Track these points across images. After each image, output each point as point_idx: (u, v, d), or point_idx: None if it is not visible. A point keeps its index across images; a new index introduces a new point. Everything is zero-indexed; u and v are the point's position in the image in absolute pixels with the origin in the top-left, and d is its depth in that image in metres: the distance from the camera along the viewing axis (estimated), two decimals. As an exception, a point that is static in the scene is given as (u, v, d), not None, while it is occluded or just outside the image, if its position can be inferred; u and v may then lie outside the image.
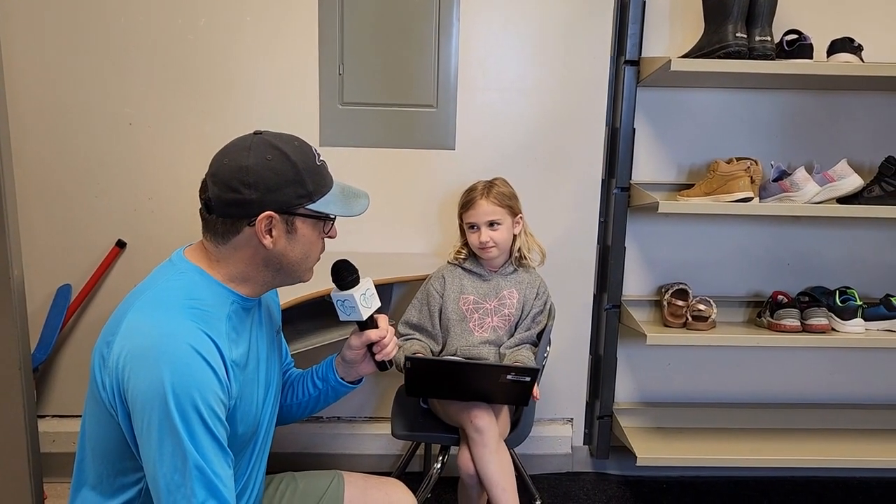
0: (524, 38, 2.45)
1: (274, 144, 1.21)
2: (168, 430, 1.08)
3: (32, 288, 2.41)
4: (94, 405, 1.19)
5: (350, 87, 2.45)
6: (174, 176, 2.46)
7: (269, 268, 1.26)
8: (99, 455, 1.21)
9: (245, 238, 1.22)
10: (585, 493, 2.60)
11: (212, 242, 1.24)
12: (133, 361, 1.10)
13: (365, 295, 1.41)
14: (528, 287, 2.19)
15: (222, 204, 1.19)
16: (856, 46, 2.23)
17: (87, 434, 1.23)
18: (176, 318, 1.13)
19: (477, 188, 2.16)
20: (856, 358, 2.72)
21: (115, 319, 1.18)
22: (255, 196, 1.18)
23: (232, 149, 1.22)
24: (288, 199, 1.21)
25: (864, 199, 2.32)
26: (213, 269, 1.25)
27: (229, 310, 1.23)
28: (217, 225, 1.22)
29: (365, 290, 1.41)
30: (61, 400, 2.59)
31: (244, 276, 1.26)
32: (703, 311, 2.43)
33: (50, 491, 2.27)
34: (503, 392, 1.91)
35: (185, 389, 1.08)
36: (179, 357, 1.09)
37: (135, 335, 1.12)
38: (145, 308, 1.16)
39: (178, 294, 1.18)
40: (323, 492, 1.55)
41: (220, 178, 1.19)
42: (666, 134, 2.54)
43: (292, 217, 1.23)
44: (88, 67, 2.38)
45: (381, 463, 2.66)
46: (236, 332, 1.24)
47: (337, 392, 1.55)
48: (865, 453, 2.48)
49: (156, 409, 1.07)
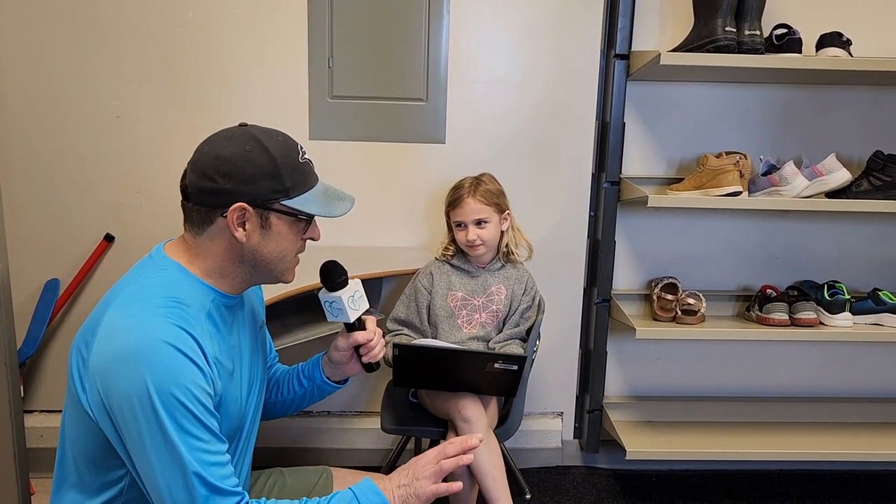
0: (514, 31, 2.45)
1: (255, 137, 1.20)
2: (158, 430, 1.07)
3: (20, 282, 2.40)
4: (72, 406, 1.17)
5: (339, 81, 2.44)
6: (162, 169, 2.45)
7: (245, 264, 1.25)
8: (79, 454, 1.20)
9: (218, 229, 1.21)
10: (575, 487, 2.60)
11: (190, 233, 1.24)
12: (113, 364, 1.08)
13: (353, 297, 1.41)
14: (517, 283, 2.19)
15: (197, 192, 1.19)
16: (844, 41, 2.24)
17: (66, 433, 1.22)
18: (154, 318, 1.11)
19: (464, 186, 2.15)
20: (844, 351, 2.73)
21: (94, 318, 1.17)
22: (229, 186, 1.17)
23: (214, 138, 1.22)
24: (262, 193, 1.19)
25: (852, 193, 2.33)
26: (192, 264, 1.24)
27: (209, 307, 1.22)
28: (193, 213, 1.22)
29: (353, 292, 1.40)
30: (49, 395, 2.57)
31: (221, 271, 1.25)
32: (693, 305, 2.44)
33: (38, 486, 2.26)
34: (491, 381, 1.91)
35: (168, 387, 1.07)
36: (159, 356, 1.08)
37: (114, 336, 1.10)
38: (124, 307, 1.14)
39: (156, 292, 1.16)
40: (311, 487, 1.54)
41: (197, 166, 1.19)
42: (656, 128, 2.54)
43: (267, 212, 1.21)
44: (76, 60, 2.36)
45: (370, 457, 2.66)
46: (217, 329, 1.23)
47: (322, 391, 1.55)
48: (853, 446, 2.50)
49: (142, 410, 1.06)
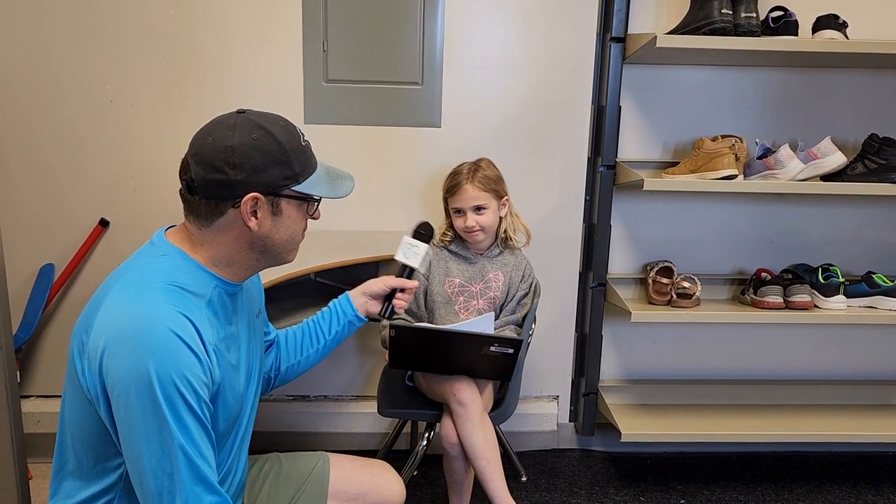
0: (510, 14, 2.43)
1: (259, 124, 1.19)
2: (153, 414, 1.06)
3: (14, 268, 2.39)
4: (72, 391, 1.17)
5: (334, 65, 2.42)
6: (156, 154, 2.44)
7: (254, 250, 1.25)
8: (79, 440, 1.20)
9: (229, 220, 1.20)
10: (571, 470, 2.62)
11: (195, 225, 1.22)
12: (113, 346, 1.08)
13: (427, 252, 1.68)
14: (514, 269, 2.19)
15: (206, 185, 1.17)
16: (840, 23, 2.24)
17: (66, 419, 1.22)
18: (156, 302, 1.11)
19: (462, 172, 2.13)
20: (838, 334, 2.75)
21: (94, 303, 1.16)
22: (241, 177, 1.16)
23: (215, 128, 1.19)
24: (274, 181, 1.19)
25: (847, 176, 2.34)
26: (195, 251, 1.23)
27: (211, 294, 1.22)
28: (200, 206, 1.19)
29: (428, 251, 1.68)
30: (45, 380, 2.58)
31: (228, 260, 1.24)
32: (688, 289, 2.44)
33: (35, 471, 2.26)
34: (487, 365, 1.92)
35: (169, 374, 1.06)
36: (161, 342, 1.07)
37: (115, 319, 1.10)
38: (125, 291, 1.13)
39: (158, 277, 1.15)
40: (308, 473, 1.55)
41: (203, 158, 1.16)
42: (651, 111, 2.53)
43: (278, 198, 1.21)
44: (67, 44, 2.34)
45: (367, 441, 2.67)
46: (217, 318, 1.23)
47: (349, 329, 1.65)
48: (847, 428, 2.52)
49: (139, 394, 1.06)
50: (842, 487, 2.53)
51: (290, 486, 1.53)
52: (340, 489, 1.54)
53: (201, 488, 1.11)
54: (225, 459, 1.32)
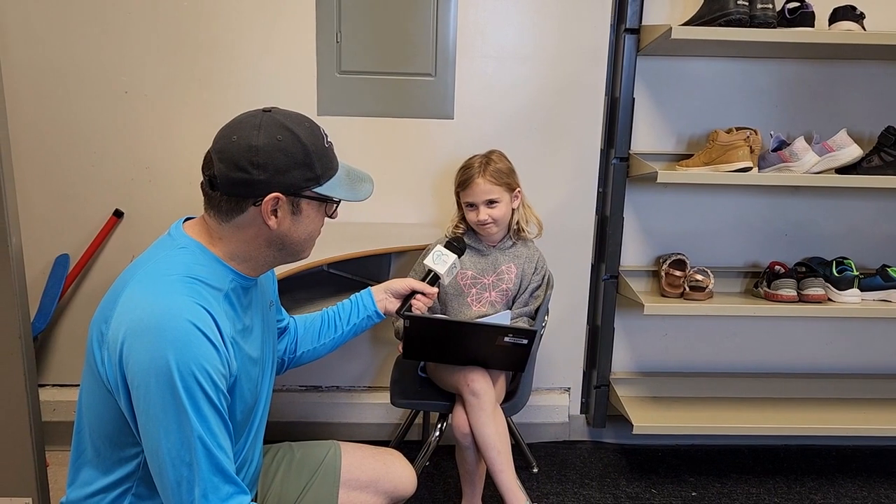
0: (523, 5, 2.42)
1: (285, 125, 1.19)
2: (173, 405, 1.07)
3: (30, 258, 2.41)
4: (91, 381, 1.18)
5: (348, 56, 2.42)
6: (171, 145, 2.45)
7: (272, 247, 1.26)
8: (97, 429, 1.20)
9: (249, 218, 1.20)
10: (582, 462, 2.63)
11: (214, 219, 1.23)
12: (133, 338, 1.09)
13: (455, 264, 1.76)
14: (527, 261, 2.19)
15: (228, 182, 1.17)
16: (858, 14, 2.21)
17: (84, 409, 1.23)
18: (175, 294, 1.12)
19: (473, 166, 2.12)
20: (852, 328, 2.74)
21: (113, 294, 1.17)
22: (264, 177, 1.16)
23: (241, 126, 1.19)
24: (296, 182, 1.20)
25: (862, 169, 2.32)
26: (213, 245, 1.24)
27: (228, 287, 1.23)
28: (221, 202, 1.20)
29: (455, 261, 1.76)
30: (61, 369, 2.60)
31: (245, 256, 1.25)
32: (701, 282, 2.44)
33: (52, 459, 2.29)
34: (500, 356, 1.93)
35: (189, 366, 1.07)
36: (181, 334, 1.08)
37: (134, 311, 1.11)
38: (144, 283, 1.14)
39: (177, 269, 1.16)
40: (320, 461, 1.56)
41: (227, 155, 1.17)
42: (665, 103, 2.52)
43: (298, 199, 1.22)
44: (83, 35, 2.36)
45: (379, 432, 2.69)
46: (234, 310, 1.24)
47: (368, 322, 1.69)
48: (860, 422, 2.51)
49: (159, 384, 1.07)
50: (854, 481, 2.53)
51: (302, 474, 1.54)
52: (352, 477, 1.55)
53: (219, 478, 1.12)
54: (241, 449, 1.33)
